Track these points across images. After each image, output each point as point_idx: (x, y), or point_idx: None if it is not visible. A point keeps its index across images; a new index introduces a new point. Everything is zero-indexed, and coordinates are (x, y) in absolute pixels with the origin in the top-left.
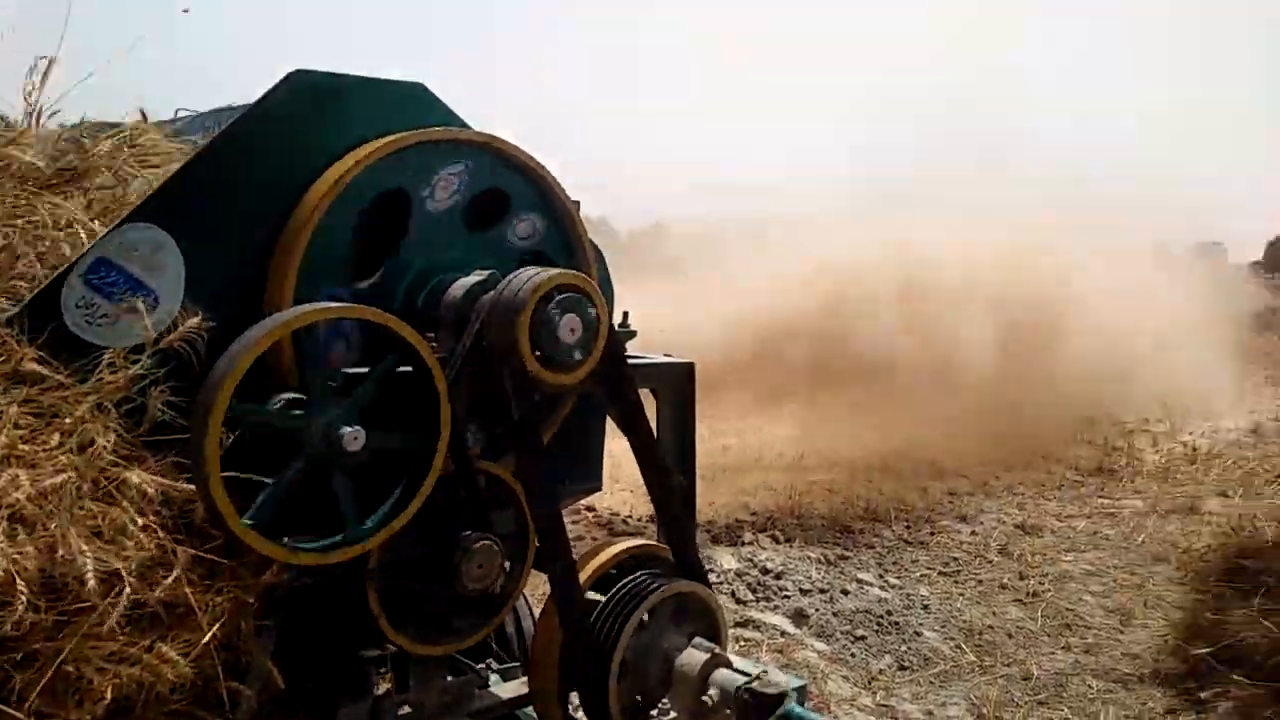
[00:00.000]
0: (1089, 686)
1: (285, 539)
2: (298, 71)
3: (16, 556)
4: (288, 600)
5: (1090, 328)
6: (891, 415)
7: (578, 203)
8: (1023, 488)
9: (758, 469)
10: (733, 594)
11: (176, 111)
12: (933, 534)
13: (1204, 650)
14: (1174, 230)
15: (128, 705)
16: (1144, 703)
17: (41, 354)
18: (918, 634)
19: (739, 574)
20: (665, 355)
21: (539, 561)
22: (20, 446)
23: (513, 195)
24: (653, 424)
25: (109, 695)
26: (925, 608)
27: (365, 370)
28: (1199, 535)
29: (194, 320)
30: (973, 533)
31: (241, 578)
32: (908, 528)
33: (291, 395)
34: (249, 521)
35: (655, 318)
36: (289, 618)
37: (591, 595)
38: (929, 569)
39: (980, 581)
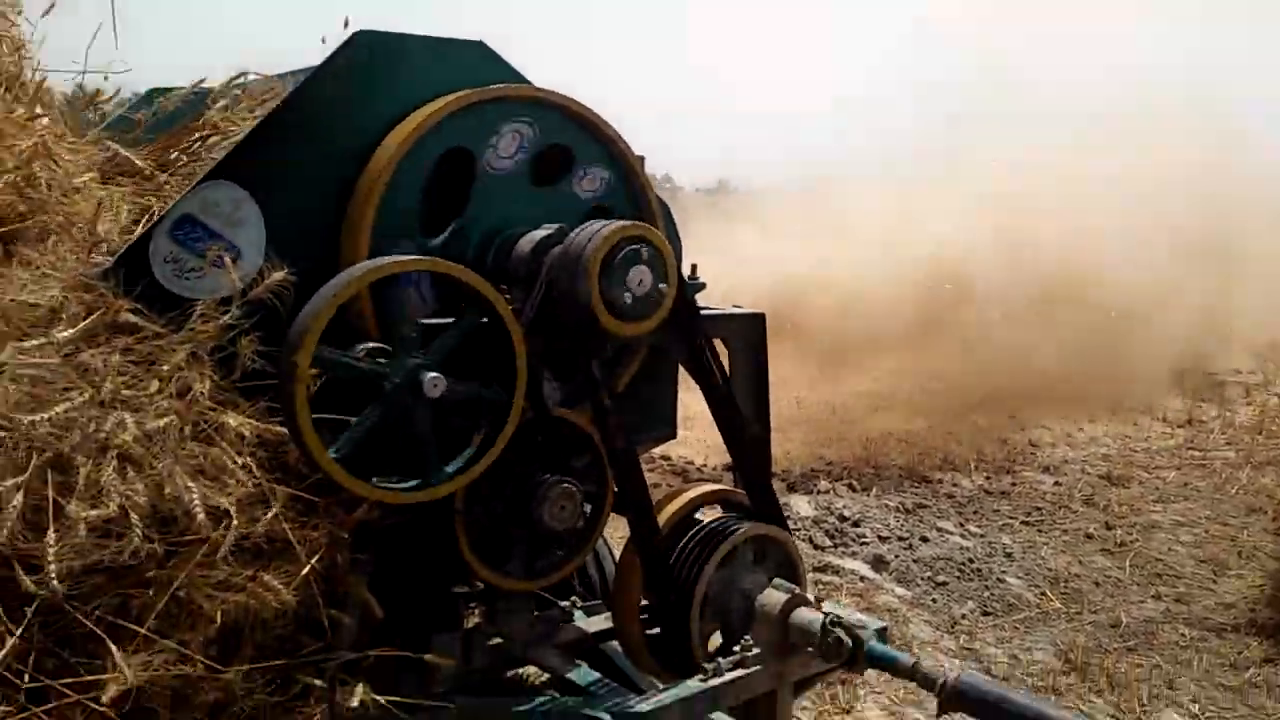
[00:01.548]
0: (1181, 634)
1: (373, 479)
2: (362, 31)
3: (129, 493)
4: (382, 536)
5: (1180, 277)
6: (970, 364)
7: (642, 158)
8: (1108, 439)
9: (832, 421)
10: (810, 540)
11: (235, 76)
12: (1014, 484)
13: None
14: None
15: (235, 629)
16: (1239, 651)
17: (137, 305)
18: (1000, 581)
19: (816, 521)
20: (735, 306)
21: (618, 505)
22: (124, 391)
23: (576, 150)
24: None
25: (218, 619)
26: (1008, 555)
27: (443, 321)
28: None
29: (279, 274)
30: (1056, 483)
31: (335, 515)
32: (988, 478)
33: (373, 344)
34: (334, 455)
35: (721, 274)
36: (384, 553)
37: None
38: (1011, 518)
39: (1065, 531)
